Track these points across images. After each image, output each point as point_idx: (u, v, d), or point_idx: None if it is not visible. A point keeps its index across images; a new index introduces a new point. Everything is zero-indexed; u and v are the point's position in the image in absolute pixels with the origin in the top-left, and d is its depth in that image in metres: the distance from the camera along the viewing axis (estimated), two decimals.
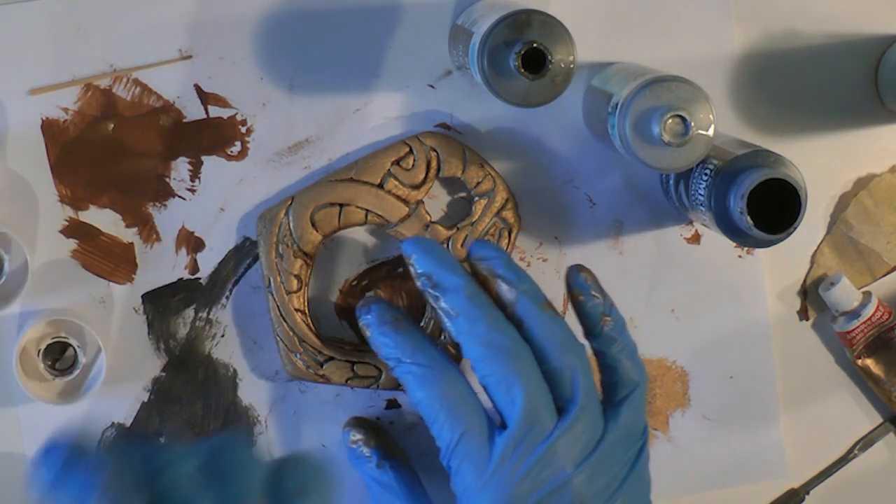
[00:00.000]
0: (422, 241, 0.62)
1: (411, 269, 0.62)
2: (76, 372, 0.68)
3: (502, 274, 0.61)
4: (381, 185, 0.70)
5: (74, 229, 0.70)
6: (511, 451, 0.59)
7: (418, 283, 0.62)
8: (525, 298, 0.61)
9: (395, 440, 0.73)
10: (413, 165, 0.70)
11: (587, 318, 0.62)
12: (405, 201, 0.70)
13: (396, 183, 0.70)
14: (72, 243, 0.70)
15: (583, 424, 0.60)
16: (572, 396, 0.60)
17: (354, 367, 0.70)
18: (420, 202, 0.70)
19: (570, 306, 0.64)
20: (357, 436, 0.70)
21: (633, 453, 0.61)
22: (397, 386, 0.71)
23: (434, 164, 0.70)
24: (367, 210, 0.70)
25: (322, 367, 0.70)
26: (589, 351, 0.62)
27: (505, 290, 0.61)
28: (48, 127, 0.69)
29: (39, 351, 0.68)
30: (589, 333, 0.63)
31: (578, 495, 0.59)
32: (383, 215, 0.70)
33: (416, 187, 0.70)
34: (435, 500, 0.69)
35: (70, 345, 0.68)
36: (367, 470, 0.69)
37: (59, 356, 0.69)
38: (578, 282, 0.62)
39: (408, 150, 0.70)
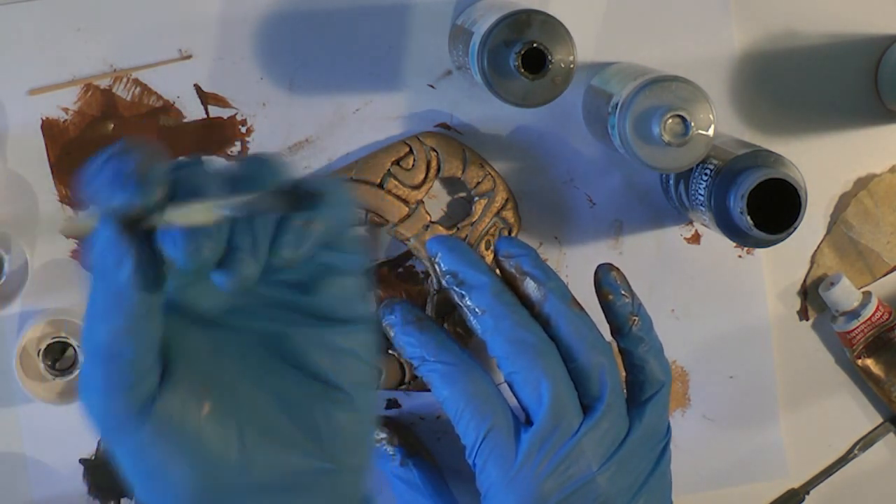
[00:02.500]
0: (447, 240, 0.63)
1: (436, 267, 0.62)
2: (76, 372, 0.68)
3: (530, 271, 0.61)
4: (381, 185, 0.70)
5: None
6: (537, 448, 0.59)
7: (443, 282, 0.62)
8: (553, 296, 0.61)
9: (418, 438, 0.73)
10: (413, 165, 0.70)
11: (616, 317, 0.62)
12: (405, 201, 0.70)
13: (396, 183, 0.70)
14: (72, 243, 0.70)
15: (608, 422, 0.60)
16: (599, 394, 0.60)
17: None
18: (420, 202, 0.70)
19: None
20: (381, 434, 0.70)
21: (657, 453, 0.61)
22: (397, 386, 0.71)
23: (434, 164, 0.70)
24: (367, 210, 0.70)
25: None
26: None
27: (532, 287, 0.61)
28: (48, 127, 0.69)
29: (39, 351, 0.68)
30: (617, 332, 0.63)
31: (603, 493, 0.59)
32: (383, 215, 0.70)
33: (416, 187, 0.70)
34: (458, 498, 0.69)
35: (70, 345, 0.68)
36: (391, 468, 0.70)
37: (59, 356, 0.69)
38: (608, 281, 0.62)
39: (408, 150, 0.70)
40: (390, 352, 0.70)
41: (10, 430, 0.71)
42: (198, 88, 0.70)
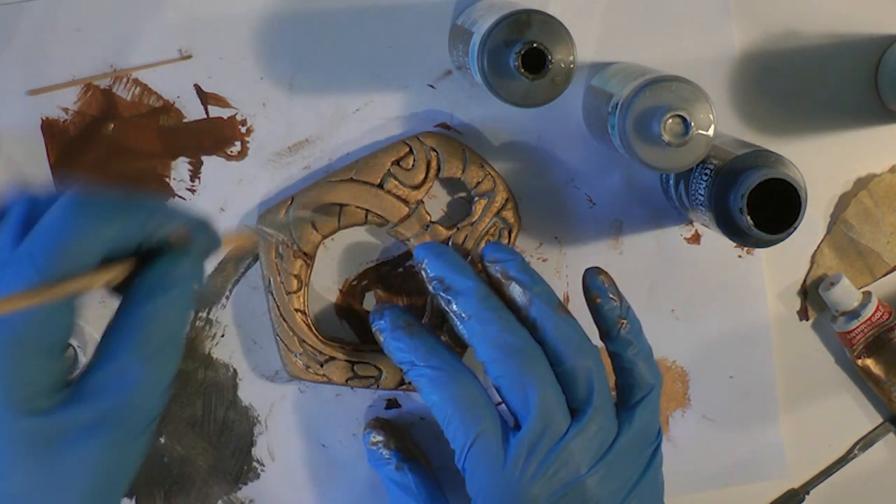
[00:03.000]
0: (433, 246, 0.63)
1: (423, 273, 0.62)
2: (76, 372, 0.68)
3: (516, 276, 0.61)
4: (381, 185, 0.70)
5: None
6: (526, 452, 0.59)
7: (430, 287, 0.62)
8: (539, 301, 0.61)
9: (415, 442, 0.73)
10: (413, 165, 0.70)
11: (604, 320, 0.62)
12: (405, 201, 0.70)
13: (396, 183, 0.70)
14: None
15: (597, 425, 0.60)
16: (587, 398, 0.60)
17: (354, 367, 0.70)
18: (420, 202, 0.70)
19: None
20: (378, 437, 0.70)
21: (647, 456, 0.61)
22: (397, 386, 0.71)
23: (434, 164, 0.70)
24: (367, 210, 0.70)
25: (322, 367, 0.70)
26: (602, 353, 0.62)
27: (518, 292, 0.61)
28: (48, 127, 0.69)
29: None
30: (605, 336, 0.63)
31: (592, 496, 0.59)
32: (383, 215, 0.70)
33: (416, 187, 0.70)
34: (453, 503, 0.69)
35: (70, 345, 0.68)
36: (386, 471, 0.70)
37: None
38: (596, 284, 0.63)
39: (408, 150, 0.70)
40: None
41: None
42: (198, 88, 0.70)
